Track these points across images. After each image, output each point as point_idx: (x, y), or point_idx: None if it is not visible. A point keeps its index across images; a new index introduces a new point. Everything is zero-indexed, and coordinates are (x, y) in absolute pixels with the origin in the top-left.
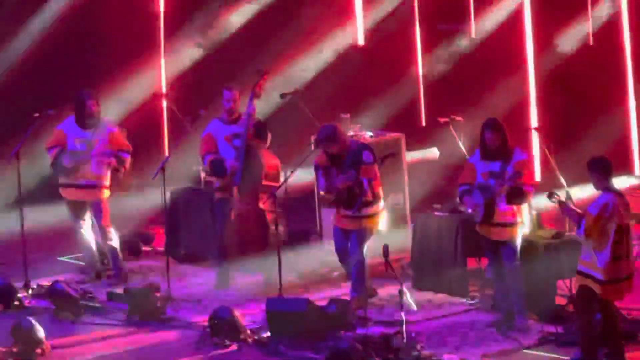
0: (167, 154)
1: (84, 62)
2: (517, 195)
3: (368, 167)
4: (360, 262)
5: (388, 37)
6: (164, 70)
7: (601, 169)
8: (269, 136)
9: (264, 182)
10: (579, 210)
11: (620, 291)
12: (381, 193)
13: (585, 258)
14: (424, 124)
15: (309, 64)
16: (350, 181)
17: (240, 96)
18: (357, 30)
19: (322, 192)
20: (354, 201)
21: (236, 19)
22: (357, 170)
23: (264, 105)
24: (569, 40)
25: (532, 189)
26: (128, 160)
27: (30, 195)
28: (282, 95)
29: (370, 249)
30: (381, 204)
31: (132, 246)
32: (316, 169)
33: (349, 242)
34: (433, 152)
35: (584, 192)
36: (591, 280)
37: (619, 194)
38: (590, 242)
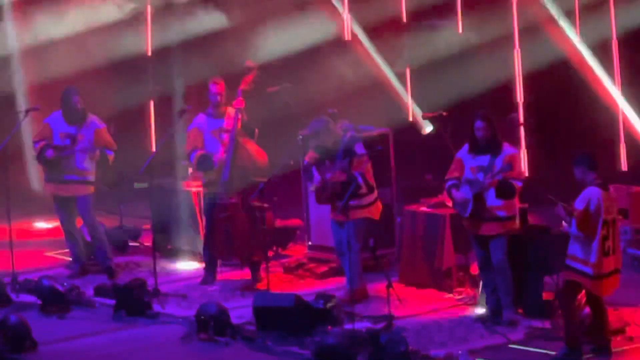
0: (154, 149)
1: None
2: (506, 189)
3: (361, 160)
4: (355, 254)
5: (375, 32)
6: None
7: (585, 164)
8: (257, 131)
9: (252, 177)
10: (568, 207)
11: (608, 286)
12: (374, 184)
13: (575, 253)
14: (410, 119)
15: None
16: (342, 174)
17: (226, 90)
18: (344, 25)
19: (316, 187)
20: (346, 194)
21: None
22: (349, 162)
23: (252, 99)
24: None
25: (521, 184)
26: (111, 158)
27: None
28: (269, 90)
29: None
30: (374, 194)
31: (119, 241)
32: (308, 166)
33: (345, 233)
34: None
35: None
36: (581, 275)
37: (603, 188)
38: (583, 238)
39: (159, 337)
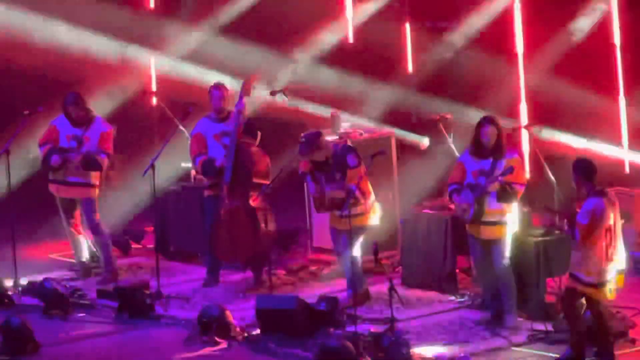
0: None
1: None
2: (507, 193)
3: (353, 171)
4: (353, 259)
5: (378, 35)
6: (153, 67)
7: (584, 171)
8: (259, 134)
9: (254, 180)
10: (564, 212)
11: (612, 291)
12: (370, 190)
13: (578, 262)
14: (414, 121)
15: (300, 61)
16: (341, 191)
17: (228, 94)
18: (347, 27)
19: (314, 197)
20: (344, 204)
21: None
22: (343, 173)
23: (254, 102)
24: (560, 38)
25: (522, 188)
26: (105, 162)
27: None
28: (272, 93)
29: (361, 247)
30: (370, 200)
31: (122, 244)
32: (303, 175)
33: (344, 240)
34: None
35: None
36: (584, 285)
37: (605, 195)
38: (585, 248)
39: (161, 340)
